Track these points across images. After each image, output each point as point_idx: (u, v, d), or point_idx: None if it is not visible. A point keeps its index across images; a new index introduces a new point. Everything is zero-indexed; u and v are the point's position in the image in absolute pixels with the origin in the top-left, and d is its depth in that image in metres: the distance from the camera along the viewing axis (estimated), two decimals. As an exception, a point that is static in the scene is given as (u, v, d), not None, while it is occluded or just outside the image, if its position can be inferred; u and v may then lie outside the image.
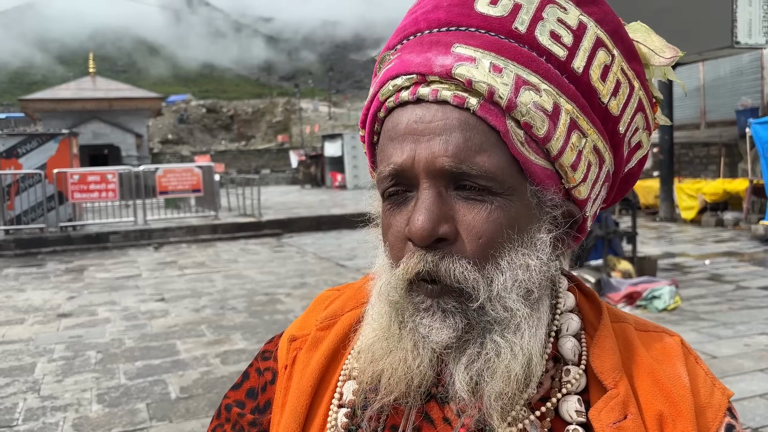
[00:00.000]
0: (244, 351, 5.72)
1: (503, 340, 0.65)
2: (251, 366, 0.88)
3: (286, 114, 66.04)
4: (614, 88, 0.70)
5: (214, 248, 13.01)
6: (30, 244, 12.96)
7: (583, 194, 0.71)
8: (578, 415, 0.68)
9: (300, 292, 8.23)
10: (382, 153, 0.70)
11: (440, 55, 0.66)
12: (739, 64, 14.68)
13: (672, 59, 0.75)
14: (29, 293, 8.73)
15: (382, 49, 0.77)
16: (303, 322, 0.86)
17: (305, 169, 36.54)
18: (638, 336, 0.75)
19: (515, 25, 0.67)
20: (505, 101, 0.64)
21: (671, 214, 13.98)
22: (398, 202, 0.68)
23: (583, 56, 0.68)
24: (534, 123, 0.65)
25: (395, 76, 0.68)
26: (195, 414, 4.37)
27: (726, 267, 8.77)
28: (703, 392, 0.71)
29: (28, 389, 4.93)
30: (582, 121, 0.68)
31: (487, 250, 0.65)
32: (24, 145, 13.83)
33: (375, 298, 0.73)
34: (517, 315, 0.66)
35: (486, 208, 0.65)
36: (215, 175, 16.37)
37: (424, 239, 0.64)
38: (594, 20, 0.69)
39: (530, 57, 0.66)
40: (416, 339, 0.67)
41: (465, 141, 0.64)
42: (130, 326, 6.75)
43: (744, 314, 6.27)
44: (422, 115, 0.66)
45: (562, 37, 0.67)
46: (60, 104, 32.60)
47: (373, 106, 0.72)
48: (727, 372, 4.69)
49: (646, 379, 0.69)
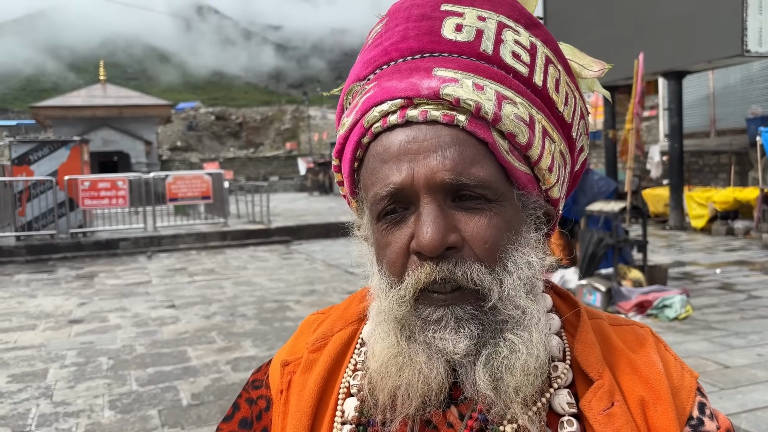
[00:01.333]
0: (255, 358, 5.73)
1: (517, 337, 0.70)
2: (240, 396, 0.90)
3: (295, 121, 66.24)
4: (565, 98, 0.78)
5: (223, 255, 13.05)
6: (41, 250, 13.04)
7: (556, 194, 0.78)
8: (570, 407, 0.73)
9: (309, 300, 8.24)
10: (374, 176, 0.73)
11: (424, 79, 0.71)
12: (750, 73, 14.64)
13: (600, 71, 0.83)
14: (40, 299, 8.79)
15: (346, 83, 0.81)
16: (293, 347, 0.88)
17: (313, 177, 36.64)
18: (613, 330, 0.81)
19: (483, 48, 0.73)
20: (491, 115, 0.70)
21: (681, 223, 13.91)
22: (395, 221, 0.72)
23: (540, 72, 0.75)
24: (517, 132, 0.71)
25: (380, 103, 0.72)
26: (206, 421, 4.38)
27: (737, 276, 8.72)
28: (675, 375, 0.77)
29: (40, 395, 4.95)
30: (549, 128, 0.75)
31: (494, 254, 0.70)
32: (36, 152, 13.95)
33: (376, 319, 0.75)
34: (527, 311, 0.71)
35: (486, 215, 0.70)
36: (224, 182, 16.44)
37: (435, 249, 0.67)
38: (540, 41, 0.76)
39: (501, 75, 0.72)
40: (430, 352, 0.70)
41: (460, 155, 0.69)
42: (140, 333, 6.77)
43: (756, 324, 6.23)
44: (415, 135, 0.70)
45: (521, 56, 0.74)
46: (70, 111, 32.88)
47: (355, 133, 0.75)
48: (740, 382, 4.66)
49: (625, 368, 0.76)
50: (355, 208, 0.83)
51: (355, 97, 0.77)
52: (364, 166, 0.75)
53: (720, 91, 15.68)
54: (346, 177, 0.79)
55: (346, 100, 0.79)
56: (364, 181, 0.75)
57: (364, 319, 0.85)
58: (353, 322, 0.86)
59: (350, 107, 0.77)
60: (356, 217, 0.84)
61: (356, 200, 0.81)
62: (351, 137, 0.75)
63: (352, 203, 0.83)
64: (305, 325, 0.92)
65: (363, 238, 0.82)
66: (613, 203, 7.71)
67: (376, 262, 0.76)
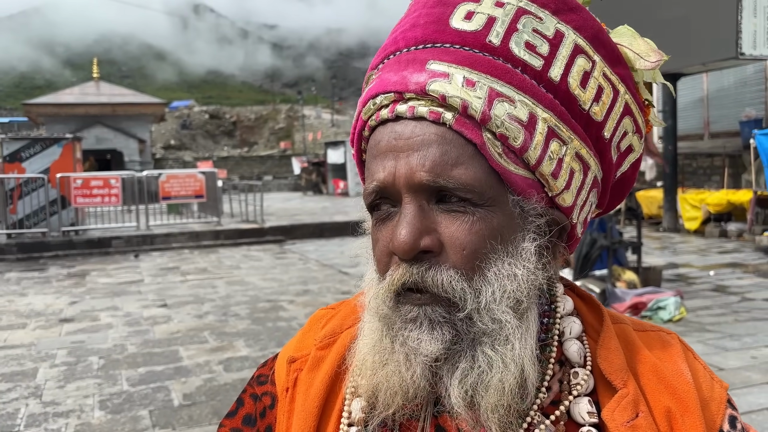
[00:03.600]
0: (247, 358, 5.69)
1: (494, 353, 0.66)
2: (245, 392, 0.87)
3: (289, 121, 66.14)
4: (596, 93, 0.70)
5: (216, 254, 12.99)
6: (32, 248, 12.95)
7: (568, 201, 0.72)
8: (590, 416, 0.69)
9: (303, 300, 8.20)
10: (368, 170, 0.71)
11: (415, 72, 0.68)
12: (743, 75, 14.67)
13: (657, 63, 0.75)
14: (31, 298, 8.71)
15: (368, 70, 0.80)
16: (300, 343, 0.85)
17: (307, 176, 36.58)
18: (638, 336, 0.77)
19: (489, 38, 0.68)
20: (479, 114, 0.65)
21: (675, 225, 13.94)
22: (383, 218, 0.70)
23: (560, 64, 0.68)
24: (509, 134, 0.66)
25: (375, 95, 0.70)
26: (198, 422, 4.33)
27: (731, 278, 8.73)
28: (704, 386, 0.73)
29: (30, 395, 4.90)
30: (562, 129, 0.69)
31: (473, 261, 0.66)
32: (28, 149, 13.84)
33: (366, 313, 0.74)
34: (506, 326, 0.67)
35: (468, 219, 0.66)
36: (218, 181, 16.38)
37: (407, 252, 0.65)
38: (572, 27, 0.70)
39: (504, 69, 0.67)
40: (407, 351, 0.67)
41: (441, 155, 0.66)
42: (132, 332, 6.72)
43: (750, 326, 6.24)
44: (401, 131, 0.68)
45: (538, 46, 0.68)
46: (63, 109, 32.70)
47: (358, 125, 0.74)
48: (734, 385, 4.65)
49: (651, 377, 0.72)
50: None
51: (368, 85, 0.75)
52: (366, 158, 0.74)
53: (714, 93, 15.72)
54: (357, 166, 0.79)
55: (365, 88, 0.77)
56: (366, 173, 0.74)
57: None
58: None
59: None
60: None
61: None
62: (358, 128, 0.75)
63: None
64: (314, 320, 0.88)
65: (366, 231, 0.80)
66: (608, 205, 7.70)
67: (371, 257, 0.74)
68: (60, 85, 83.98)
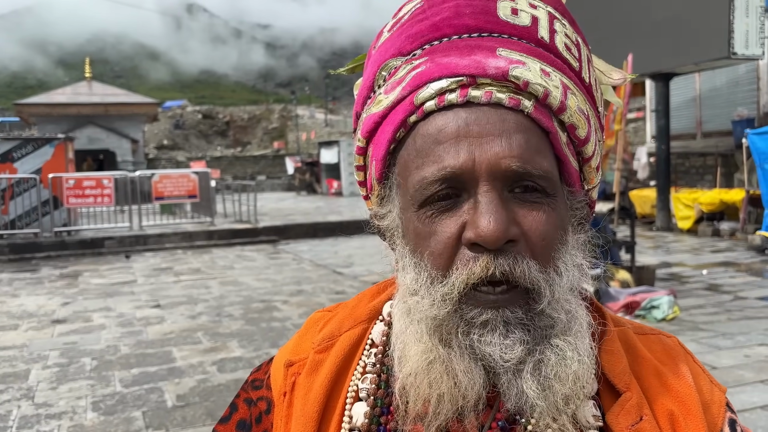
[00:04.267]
0: (241, 359, 5.67)
1: (565, 343, 0.65)
2: (238, 396, 0.85)
3: (283, 120, 66.04)
4: (600, 99, 0.76)
5: (209, 254, 12.95)
6: (24, 249, 12.87)
7: (594, 196, 0.75)
8: (595, 420, 0.69)
9: (297, 300, 8.18)
10: (422, 158, 0.67)
11: (490, 57, 0.66)
12: (736, 75, 14.74)
13: (621, 80, 0.82)
14: (23, 299, 8.66)
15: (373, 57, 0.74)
16: (297, 346, 0.83)
17: (301, 176, 36.51)
18: (639, 339, 0.77)
19: (541, 35, 0.69)
20: (557, 103, 0.66)
21: (668, 224, 13.99)
22: (445, 208, 0.66)
23: (586, 68, 0.72)
24: (578, 125, 0.68)
25: (437, 79, 0.66)
26: (192, 423, 4.31)
27: (723, 277, 8.77)
28: (705, 389, 0.74)
29: (22, 396, 4.86)
30: (599, 128, 0.73)
31: (549, 252, 0.66)
32: (19, 149, 13.76)
33: (407, 318, 0.69)
34: (577, 317, 0.67)
35: (544, 209, 0.66)
36: (211, 181, 16.33)
37: (498, 240, 0.62)
38: (581, 39, 0.74)
39: (560, 64, 0.69)
40: (471, 358, 0.64)
41: (526, 142, 0.65)
42: (125, 333, 6.69)
43: (743, 325, 6.26)
44: (477, 117, 0.65)
45: (572, 49, 0.71)
46: (55, 109, 32.52)
47: (399, 111, 0.68)
48: (727, 383, 4.66)
49: (653, 380, 0.72)
50: (378, 195, 0.75)
51: (394, 73, 0.70)
52: (406, 148, 0.69)
53: (706, 93, 15.79)
54: (379, 159, 0.72)
55: (379, 75, 0.72)
56: (406, 164, 0.69)
57: (375, 318, 0.81)
58: (362, 322, 0.80)
59: (390, 83, 0.70)
60: (376, 206, 0.76)
61: (382, 186, 0.74)
62: (392, 115, 0.69)
63: (374, 190, 0.75)
64: (310, 323, 0.86)
65: (385, 230, 0.75)
66: (601, 204, 7.72)
67: (411, 254, 0.69)
68: (52, 84, 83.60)
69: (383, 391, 0.74)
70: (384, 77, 0.72)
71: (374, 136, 0.72)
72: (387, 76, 0.71)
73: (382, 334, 0.78)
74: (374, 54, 0.75)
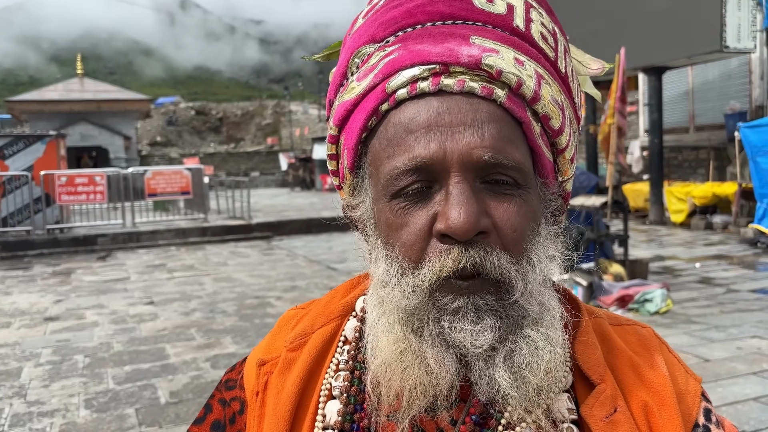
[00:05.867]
0: (235, 355, 5.66)
1: (538, 334, 0.65)
2: (213, 397, 0.84)
3: (276, 116, 65.86)
4: (577, 90, 0.74)
5: (203, 251, 12.92)
6: (16, 246, 12.81)
7: (569, 188, 0.74)
8: (570, 413, 0.68)
9: (291, 296, 8.17)
10: (393, 148, 0.65)
11: (463, 45, 0.64)
12: (728, 69, 14.77)
13: (600, 70, 0.80)
14: (15, 296, 8.62)
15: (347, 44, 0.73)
16: (270, 345, 0.81)
17: (295, 172, 36.46)
18: (614, 330, 0.76)
19: (516, 23, 0.68)
20: (531, 93, 0.65)
21: (661, 217, 14.03)
22: (416, 199, 0.65)
23: (562, 58, 0.70)
24: (552, 115, 0.67)
25: (409, 66, 0.65)
26: (185, 419, 4.30)
27: (716, 270, 8.80)
28: (680, 379, 0.73)
29: (14, 394, 4.84)
30: (573, 118, 0.71)
31: (521, 244, 0.65)
32: (11, 146, 13.68)
33: (379, 309, 0.68)
34: (549, 308, 0.67)
35: (515, 201, 0.65)
36: (204, 178, 16.27)
37: (468, 232, 0.61)
38: (558, 28, 0.72)
39: (535, 53, 0.68)
40: (442, 346, 0.63)
41: (498, 132, 0.64)
42: (118, 330, 6.66)
43: (735, 317, 6.28)
44: (449, 106, 0.64)
45: (548, 38, 0.69)
46: (47, 106, 32.30)
47: (371, 99, 0.67)
48: (720, 375, 4.68)
49: (627, 371, 0.71)
50: (350, 185, 0.73)
51: (367, 60, 0.69)
52: (377, 137, 0.67)
53: (699, 87, 15.82)
54: (351, 148, 0.70)
55: (352, 62, 0.71)
56: (377, 153, 0.67)
57: (348, 314, 0.79)
58: (335, 318, 0.79)
59: (362, 70, 0.68)
60: (348, 196, 0.75)
61: (354, 176, 0.72)
62: (364, 103, 0.67)
63: (346, 179, 0.73)
64: (283, 321, 0.85)
65: (357, 221, 0.74)
66: (594, 198, 7.73)
67: (383, 246, 0.68)
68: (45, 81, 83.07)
69: (356, 388, 0.73)
70: (357, 64, 0.70)
71: (346, 124, 0.70)
72: (360, 63, 0.70)
73: (355, 330, 0.77)
74: (348, 40, 0.73)
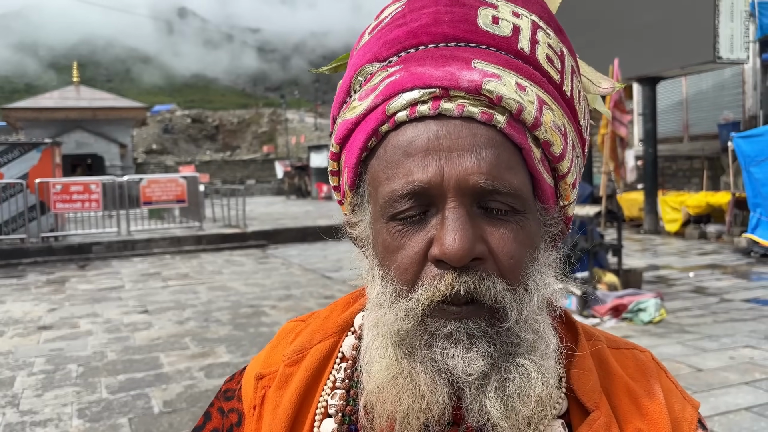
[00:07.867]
0: (229, 364, 5.65)
1: (531, 363, 0.64)
2: (212, 406, 0.84)
3: (272, 124, 65.91)
4: (584, 112, 0.73)
5: (198, 259, 12.90)
6: (10, 254, 12.76)
7: (570, 213, 0.73)
8: None
9: (285, 305, 8.16)
10: (391, 170, 0.65)
11: (464, 69, 0.64)
12: (721, 79, 14.86)
13: (609, 89, 0.78)
14: (9, 305, 8.58)
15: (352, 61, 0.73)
16: (268, 358, 0.82)
17: (291, 180, 36.45)
18: (612, 354, 0.75)
19: (520, 46, 0.67)
20: (531, 119, 0.64)
21: (655, 227, 14.07)
22: (413, 223, 0.64)
23: (568, 80, 0.69)
24: (553, 141, 0.66)
25: (410, 89, 0.65)
26: (178, 429, 4.29)
27: (710, 279, 8.83)
28: (676, 406, 0.72)
29: (7, 404, 4.82)
30: (576, 142, 0.70)
31: (518, 271, 0.64)
32: (6, 154, 13.66)
33: (373, 331, 0.68)
34: (544, 337, 0.66)
35: (512, 227, 0.64)
36: (200, 186, 16.26)
37: (462, 259, 0.61)
38: (566, 48, 0.71)
39: (539, 77, 0.67)
40: (435, 371, 0.63)
41: (496, 158, 0.63)
42: (112, 339, 6.64)
43: (728, 327, 6.30)
44: (448, 130, 0.63)
45: (554, 60, 0.68)
46: (43, 113, 32.27)
47: (371, 120, 0.67)
48: (712, 385, 4.70)
49: (623, 398, 0.70)
50: (350, 203, 0.73)
51: (370, 79, 0.68)
52: (377, 158, 0.67)
53: (693, 97, 15.91)
54: (351, 167, 0.70)
55: (355, 80, 0.70)
56: (376, 174, 0.67)
57: (346, 330, 0.79)
58: (333, 334, 0.78)
59: (365, 89, 0.68)
60: (348, 213, 0.75)
61: (354, 194, 0.72)
62: (365, 123, 0.67)
63: (346, 197, 0.74)
64: (282, 334, 0.85)
65: (357, 238, 0.73)
66: (589, 207, 7.76)
67: (379, 267, 0.67)
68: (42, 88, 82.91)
69: (351, 407, 0.72)
70: (360, 82, 0.70)
71: (347, 143, 0.70)
72: (363, 81, 0.70)
73: (353, 347, 0.76)
74: (354, 56, 0.73)
